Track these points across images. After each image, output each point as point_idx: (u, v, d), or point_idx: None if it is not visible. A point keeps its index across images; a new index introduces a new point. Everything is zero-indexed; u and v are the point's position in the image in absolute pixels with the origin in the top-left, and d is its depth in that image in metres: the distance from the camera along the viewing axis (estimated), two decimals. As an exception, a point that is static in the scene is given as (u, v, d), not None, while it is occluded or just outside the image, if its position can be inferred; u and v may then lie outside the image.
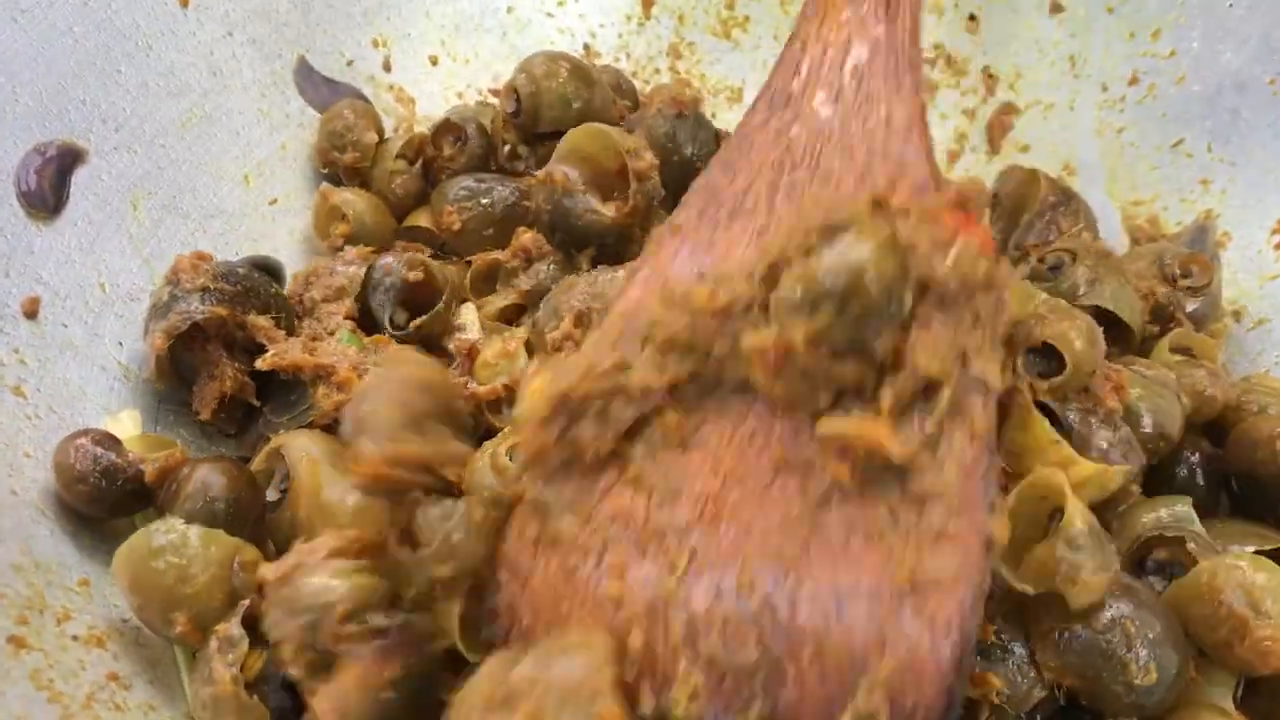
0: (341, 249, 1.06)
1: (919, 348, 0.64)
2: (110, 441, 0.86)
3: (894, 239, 0.63)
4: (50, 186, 0.96)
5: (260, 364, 0.92)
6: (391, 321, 1.00)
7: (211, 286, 0.93)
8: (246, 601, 0.75)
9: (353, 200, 1.10)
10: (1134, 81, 1.24)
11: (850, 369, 0.64)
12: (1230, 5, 1.18)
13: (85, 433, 0.86)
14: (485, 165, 1.13)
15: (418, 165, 1.15)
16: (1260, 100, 1.17)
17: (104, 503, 0.84)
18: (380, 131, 1.16)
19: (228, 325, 0.94)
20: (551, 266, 1.02)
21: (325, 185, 1.12)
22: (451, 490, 0.72)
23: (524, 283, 1.02)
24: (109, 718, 0.72)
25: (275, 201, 1.14)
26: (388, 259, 1.01)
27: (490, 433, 0.88)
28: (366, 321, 1.00)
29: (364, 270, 1.00)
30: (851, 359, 0.64)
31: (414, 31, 1.27)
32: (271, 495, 0.88)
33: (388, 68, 1.25)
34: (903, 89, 0.74)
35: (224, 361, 0.94)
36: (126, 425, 0.92)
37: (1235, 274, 1.15)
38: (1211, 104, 1.20)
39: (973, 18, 1.33)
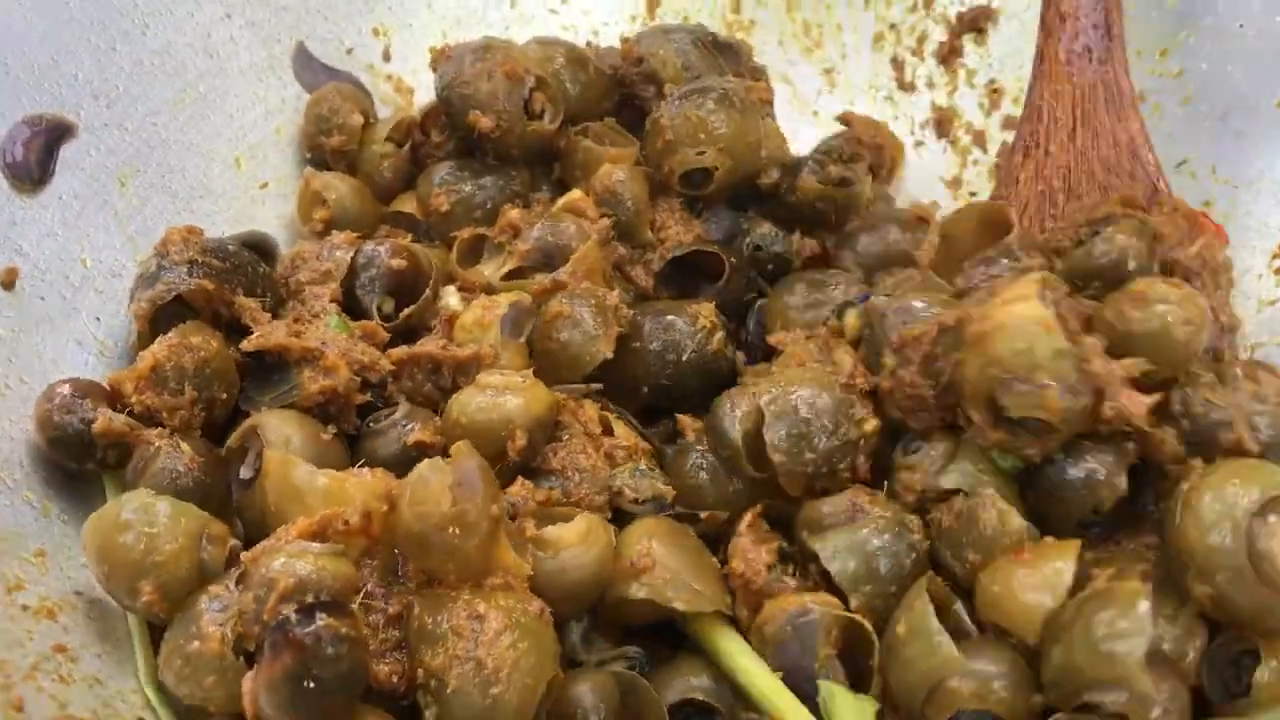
0: (324, 233, 1.05)
1: None
2: (87, 390, 0.87)
3: (1144, 224, 0.87)
4: (36, 159, 0.96)
5: (246, 345, 0.92)
6: (379, 310, 1.00)
7: (200, 260, 0.93)
8: (241, 567, 0.74)
9: (335, 185, 1.09)
10: (1140, 100, 1.23)
11: None
12: (1240, 26, 1.17)
13: (68, 381, 0.87)
14: (472, 151, 1.13)
15: (406, 149, 1.15)
16: (1267, 123, 1.16)
17: (69, 446, 0.86)
18: (367, 114, 1.16)
19: (214, 301, 0.94)
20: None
21: (309, 169, 1.12)
22: None
23: (521, 244, 1.02)
24: (51, 689, 0.72)
25: (266, 185, 1.14)
26: (373, 245, 1.00)
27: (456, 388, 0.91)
28: (351, 305, 1.00)
29: (350, 255, 1.00)
30: None
31: (415, 22, 1.27)
32: (245, 473, 0.88)
33: (387, 57, 1.25)
34: (1123, 115, 1.02)
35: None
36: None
37: (1234, 297, 1.12)
38: (1218, 125, 1.18)
39: (980, 30, 1.32)
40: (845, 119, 1.20)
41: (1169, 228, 0.90)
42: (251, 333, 0.93)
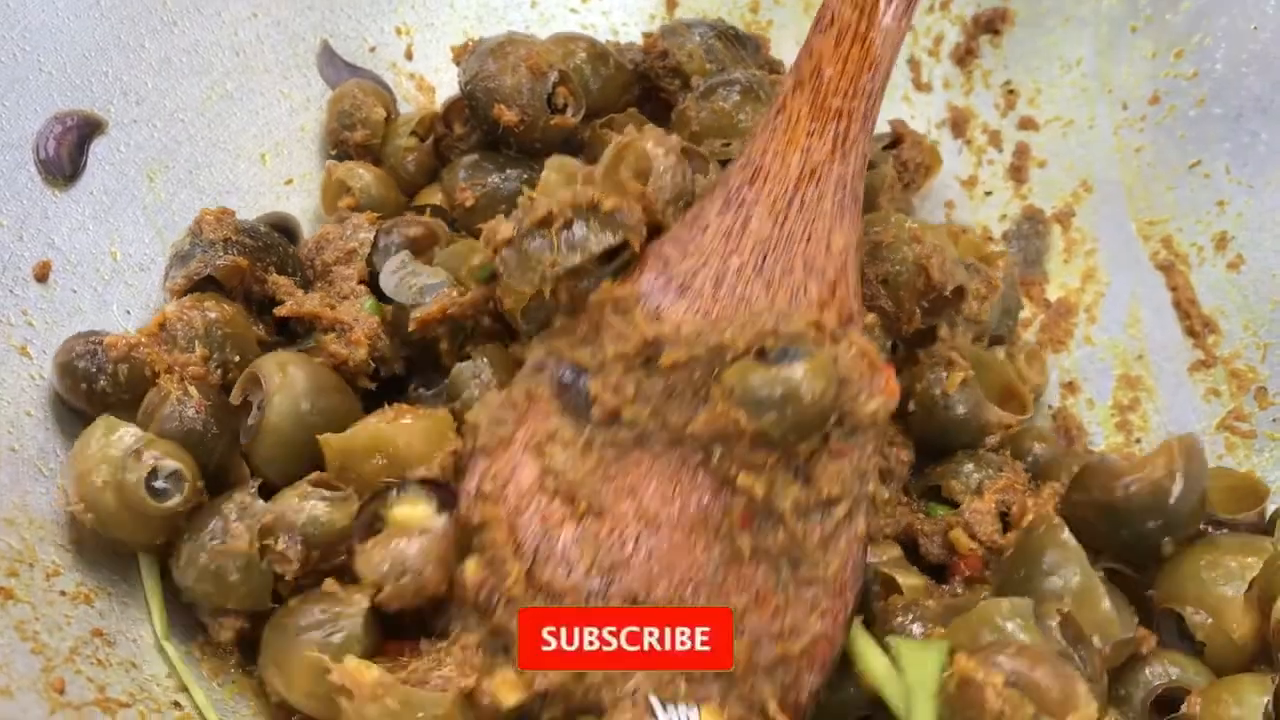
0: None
1: (830, 472, 0.77)
2: (101, 337, 0.90)
3: (833, 369, 0.75)
4: (68, 155, 0.97)
5: (280, 310, 0.95)
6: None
7: (233, 238, 0.96)
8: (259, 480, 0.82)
9: (359, 173, 1.11)
10: (1155, 101, 1.24)
11: (771, 457, 0.76)
12: (1255, 28, 1.18)
13: (84, 334, 0.90)
14: (496, 145, 1.14)
15: (429, 142, 1.16)
16: (1280, 124, 1.17)
17: (79, 384, 0.88)
18: (389, 109, 1.17)
19: (246, 279, 0.96)
20: None
21: (331, 161, 1.14)
22: None
23: None
24: (90, 672, 0.74)
25: (291, 182, 1.15)
26: (392, 223, 1.02)
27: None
28: (374, 286, 1.01)
29: (372, 234, 1.02)
30: (777, 450, 0.76)
31: (437, 21, 1.28)
32: (252, 419, 0.89)
33: (410, 56, 1.27)
34: (845, 220, 0.82)
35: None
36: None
37: (1247, 297, 1.14)
38: (1231, 126, 1.19)
39: (996, 32, 1.33)
40: (896, 127, 1.20)
41: (854, 372, 0.76)
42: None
